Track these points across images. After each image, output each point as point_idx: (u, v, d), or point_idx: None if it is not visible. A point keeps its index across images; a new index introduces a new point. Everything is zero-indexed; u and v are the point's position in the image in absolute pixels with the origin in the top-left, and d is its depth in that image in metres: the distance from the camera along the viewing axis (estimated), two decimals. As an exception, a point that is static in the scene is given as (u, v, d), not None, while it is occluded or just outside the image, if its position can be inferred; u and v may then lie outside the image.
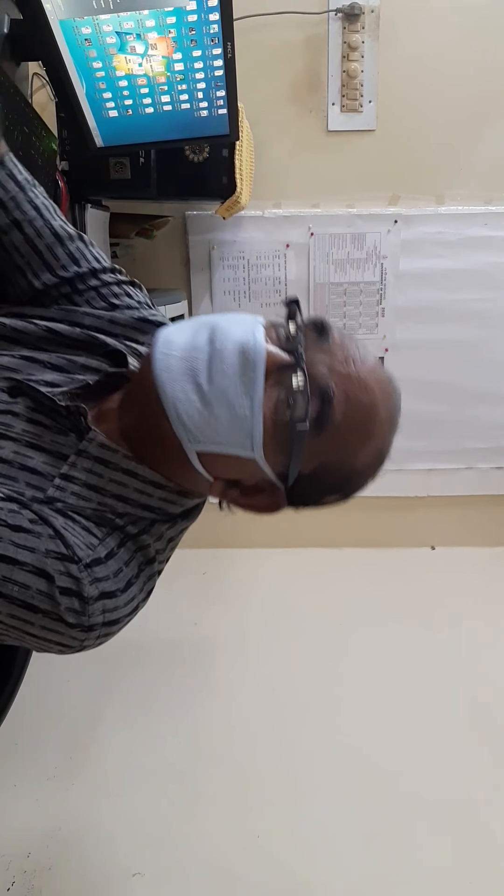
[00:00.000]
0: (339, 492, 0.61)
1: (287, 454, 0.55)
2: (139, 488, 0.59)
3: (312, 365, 0.55)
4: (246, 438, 0.54)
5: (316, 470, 0.57)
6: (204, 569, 1.86)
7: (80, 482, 0.58)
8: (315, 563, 1.89)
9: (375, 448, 0.59)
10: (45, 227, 0.71)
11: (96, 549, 0.55)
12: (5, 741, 1.35)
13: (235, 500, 0.61)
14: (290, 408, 0.53)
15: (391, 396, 0.59)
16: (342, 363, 0.56)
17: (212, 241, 1.76)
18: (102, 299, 0.72)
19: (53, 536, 0.52)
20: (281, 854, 1.22)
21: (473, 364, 1.87)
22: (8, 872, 1.19)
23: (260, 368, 0.53)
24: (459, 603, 1.79)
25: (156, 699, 1.50)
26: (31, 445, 0.58)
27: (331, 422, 0.54)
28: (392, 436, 0.61)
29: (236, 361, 0.53)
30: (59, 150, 1.29)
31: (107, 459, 0.58)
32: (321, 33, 1.60)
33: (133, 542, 0.59)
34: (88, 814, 1.28)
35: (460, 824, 1.28)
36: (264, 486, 0.59)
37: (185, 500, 0.62)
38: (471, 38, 1.61)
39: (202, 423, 0.54)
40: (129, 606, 0.57)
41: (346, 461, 0.58)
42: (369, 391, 0.56)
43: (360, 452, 0.58)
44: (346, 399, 0.55)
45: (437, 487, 1.96)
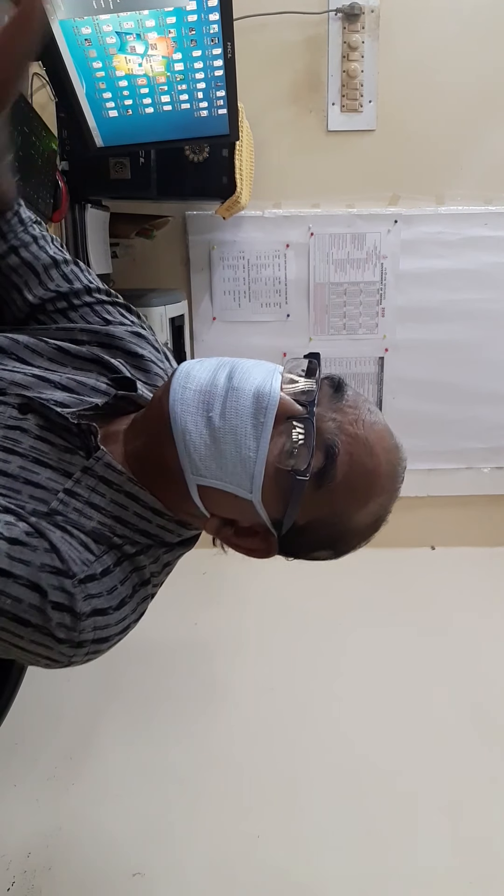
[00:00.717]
0: (331, 549, 0.62)
1: (284, 502, 0.56)
2: (139, 513, 0.60)
3: (322, 420, 0.57)
4: (247, 479, 0.55)
5: (310, 523, 0.58)
6: (204, 569, 1.86)
7: (83, 499, 0.59)
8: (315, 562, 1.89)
9: (372, 513, 0.60)
10: (41, 252, 0.74)
11: (92, 564, 0.55)
12: (5, 741, 1.35)
13: (228, 539, 0.62)
14: (294, 458, 0.54)
15: (395, 466, 0.60)
16: (352, 423, 0.57)
17: (212, 241, 1.76)
18: (96, 315, 0.74)
19: (49, 550, 0.53)
20: (281, 854, 1.22)
21: (473, 364, 1.87)
22: (8, 872, 1.19)
23: (271, 414, 0.54)
24: (459, 603, 1.79)
25: (156, 699, 1.50)
26: (37, 462, 0.59)
27: (331, 478, 0.55)
28: (391, 504, 0.62)
29: (250, 403, 0.55)
30: (59, 150, 1.29)
31: (110, 480, 0.59)
32: (321, 33, 1.60)
33: (129, 562, 0.60)
34: (88, 814, 1.28)
35: (460, 824, 1.28)
36: (259, 529, 0.60)
37: (182, 529, 0.63)
38: (471, 38, 1.61)
39: (207, 457, 0.55)
40: (119, 626, 0.58)
41: (340, 520, 0.59)
42: (374, 456, 0.57)
43: (356, 514, 0.59)
44: (349, 459, 0.56)
45: (437, 487, 1.96)
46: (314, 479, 0.55)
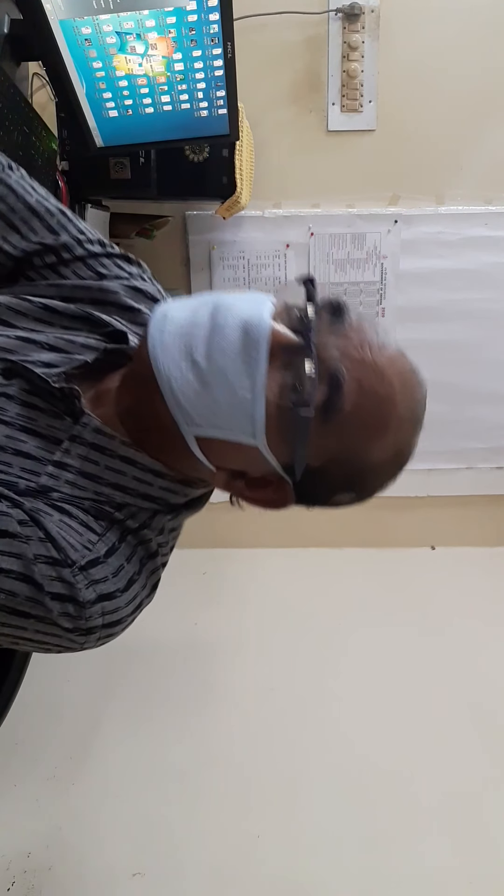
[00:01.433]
0: (352, 490, 0.57)
1: (292, 443, 0.51)
2: (138, 476, 0.56)
3: (323, 348, 0.51)
4: (247, 423, 0.50)
5: (325, 464, 0.53)
6: (204, 569, 1.86)
7: (75, 470, 0.55)
8: (315, 563, 1.89)
9: (392, 445, 0.54)
10: (19, 203, 0.66)
11: (95, 545, 0.52)
12: (5, 741, 1.35)
13: (240, 492, 0.57)
14: (296, 392, 0.49)
15: (413, 390, 0.55)
16: (357, 348, 0.52)
17: (212, 241, 1.76)
18: (89, 269, 0.68)
19: (44, 540, 0.50)
20: (281, 854, 1.22)
21: (473, 364, 1.86)
22: (8, 872, 1.19)
23: (263, 347, 0.49)
24: (459, 603, 1.79)
25: (156, 699, 1.50)
26: (24, 429, 0.56)
27: (339, 410, 0.50)
28: (415, 435, 0.56)
29: (238, 338, 0.50)
30: (59, 150, 1.29)
31: (103, 446, 0.55)
32: (321, 33, 1.60)
33: (134, 536, 0.56)
34: (88, 814, 1.28)
35: (460, 824, 1.28)
36: (271, 479, 0.55)
37: (188, 489, 0.59)
38: (471, 38, 1.61)
39: (200, 405, 0.50)
40: (131, 605, 0.55)
41: (357, 456, 0.53)
42: (386, 381, 0.51)
43: (374, 448, 0.53)
44: (358, 387, 0.50)
45: (437, 487, 1.96)
46: (320, 413, 0.50)
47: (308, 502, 0.58)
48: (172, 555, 0.64)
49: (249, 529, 1.92)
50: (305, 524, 1.94)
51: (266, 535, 1.93)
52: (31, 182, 0.70)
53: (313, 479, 0.54)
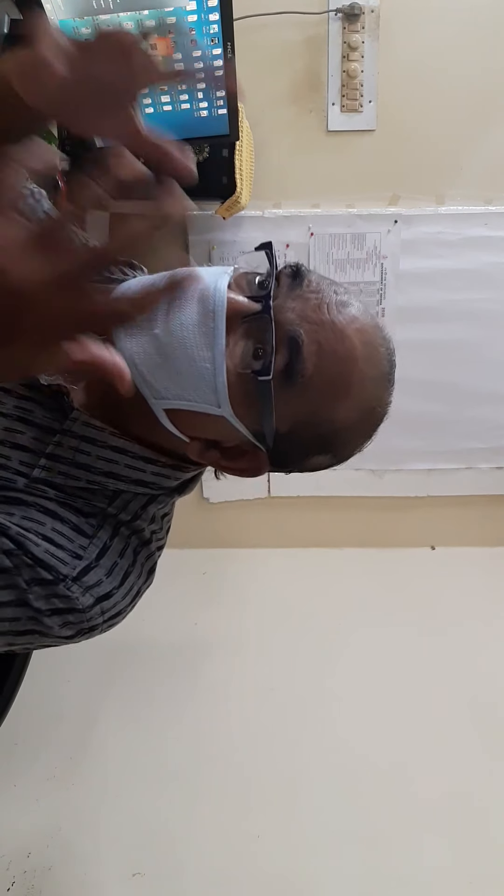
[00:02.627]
0: (325, 452, 0.57)
1: (257, 410, 0.52)
2: (130, 464, 0.57)
3: (281, 311, 0.51)
4: (210, 393, 0.51)
5: (293, 428, 0.53)
6: (204, 569, 1.86)
7: (68, 461, 0.56)
8: (315, 563, 1.89)
9: (358, 404, 0.54)
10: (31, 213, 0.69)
11: (87, 550, 0.53)
12: (5, 741, 1.36)
13: (217, 462, 0.58)
14: (256, 359, 0.50)
15: (377, 347, 0.55)
16: (315, 309, 0.52)
17: (212, 241, 1.76)
18: None
19: (31, 565, 0.50)
20: (281, 854, 1.23)
21: (473, 364, 1.86)
22: (8, 872, 1.19)
23: (220, 317, 0.50)
24: (460, 603, 1.79)
25: (156, 699, 1.50)
26: (22, 420, 0.57)
27: (300, 373, 0.51)
28: (385, 391, 0.57)
29: (195, 311, 0.51)
30: (59, 150, 1.29)
31: (93, 438, 0.56)
32: (321, 33, 1.60)
33: (126, 528, 0.57)
34: (88, 814, 1.28)
35: (460, 824, 1.28)
36: (245, 447, 0.57)
37: (179, 473, 0.60)
38: (471, 38, 1.61)
39: (164, 378, 0.52)
40: (128, 597, 0.56)
41: (325, 417, 0.54)
42: (346, 340, 0.52)
43: (340, 407, 0.53)
44: (317, 349, 0.51)
45: (437, 487, 1.96)
46: (282, 378, 0.50)
47: (284, 467, 0.59)
48: (172, 555, 0.65)
49: (249, 529, 1.92)
50: (305, 524, 1.94)
51: (266, 535, 1.93)
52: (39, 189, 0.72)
53: (285, 444, 0.55)
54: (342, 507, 1.94)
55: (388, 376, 0.57)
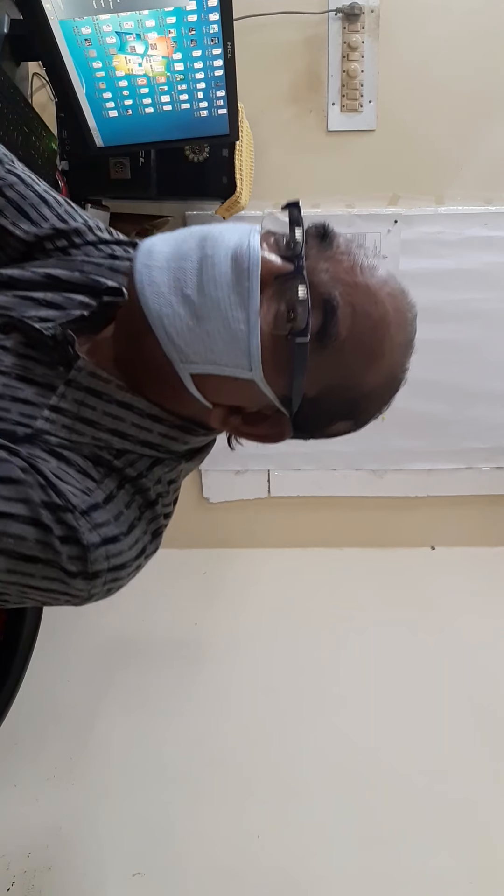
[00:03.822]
0: (348, 418, 0.56)
1: (288, 373, 0.50)
2: (136, 422, 0.55)
3: (314, 273, 0.50)
4: (243, 356, 0.49)
5: (321, 392, 0.52)
6: (204, 569, 1.86)
7: (72, 415, 0.54)
8: (315, 563, 1.89)
9: (386, 369, 0.53)
10: (28, 190, 0.68)
11: (94, 492, 0.51)
12: (5, 741, 1.36)
13: (237, 428, 0.56)
14: (291, 320, 0.49)
15: (405, 312, 0.54)
16: (348, 272, 0.51)
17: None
18: (100, 252, 0.68)
19: (44, 486, 0.49)
20: (281, 854, 1.23)
21: (473, 364, 1.86)
22: (8, 872, 1.19)
23: (255, 277, 0.48)
24: (460, 603, 1.79)
25: (156, 699, 1.50)
26: (20, 378, 0.55)
27: (335, 335, 0.49)
28: (406, 358, 0.55)
29: (229, 269, 0.48)
30: (59, 150, 1.29)
31: (99, 390, 0.54)
32: (321, 33, 1.60)
33: (132, 485, 0.55)
34: (88, 814, 1.28)
35: (461, 824, 1.28)
36: (268, 412, 0.55)
37: (188, 436, 0.58)
38: (471, 39, 1.61)
39: (194, 341, 0.49)
40: (134, 549, 0.54)
41: (353, 382, 0.53)
42: (379, 304, 0.51)
43: (369, 372, 0.53)
44: (352, 311, 0.50)
45: (437, 487, 1.96)
46: (316, 340, 0.49)
47: (305, 433, 0.58)
48: (172, 555, 0.64)
49: (249, 529, 1.92)
50: (305, 524, 1.94)
51: (266, 535, 1.93)
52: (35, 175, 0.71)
53: (310, 409, 0.53)
54: (342, 507, 1.94)
55: (412, 342, 0.56)
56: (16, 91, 1.11)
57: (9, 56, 1.17)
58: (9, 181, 0.68)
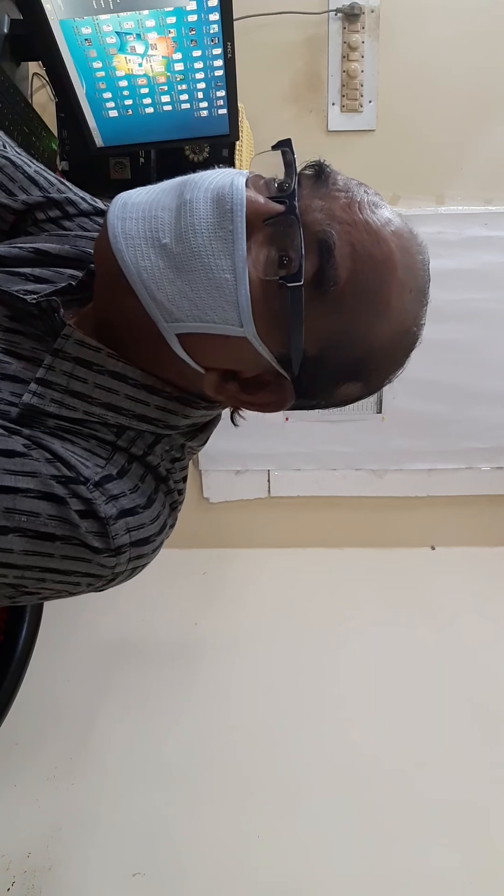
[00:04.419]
0: (357, 379, 0.50)
1: (284, 326, 0.45)
2: (131, 395, 0.50)
3: (308, 211, 0.45)
4: (231, 309, 0.44)
5: (324, 349, 0.47)
6: (204, 569, 1.86)
7: (61, 388, 0.50)
8: (315, 563, 1.89)
9: (396, 319, 0.47)
10: (18, 172, 0.65)
11: (105, 466, 0.48)
12: (5, 741, 1.36)
13: (235, 396, 0.52)
14: (283, 266, 0.44)
15: (414, 254, 0.48)
16: (345, 208, 0.45)
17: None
18: (94, 223, 0.65)
19: (52, 460, 0.45)
20: (281, 854, 1.22)
21: (473, 364, 1.86)
22: (8, 872, 1.19)
23: (240, 218, 0.43)
24: (460, 603, 1.79)
25: (156, 699, 1.50)
26: (8, 352, 0.52)
27: (333, 279, 0.44)
28: (419, 308, 0.49)
29: (210, 212, 0.44)
30: (59, 150, 1.29)
31: (89, 360, 0.50)
32: (321, 33, 1.60)
33: (140, 463, 0.51)
34: (88, 814, 1.28)
35: (461, 824, 1.28)
36: (267, 377, 0.50)
37: (187, 409, 0.53)
38: (471, 38, 1.61)
39: (177, 296, 0.45)
40: (156, 524, 0.51)
41: (359, 335, 0.47)
42: (383, 243, 0.45)
43: (377, 323, 0.47)
44: (351, 251, 0.44)
45: (437, 487, 1.96)
46: (312, 286, 0.44)
47: (310, 399, 0.52)
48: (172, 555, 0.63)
49: (249, 529, 1.92)
50: (305, 524, 1.94)
51: (266, 535, 1.93)
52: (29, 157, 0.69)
53: (313, 369, 0.48)
54: (342, 507, 1.94)
55: (425, 290, 0.50)
56: (16, 91, 1.11)
57: (9, 56, 1.17)
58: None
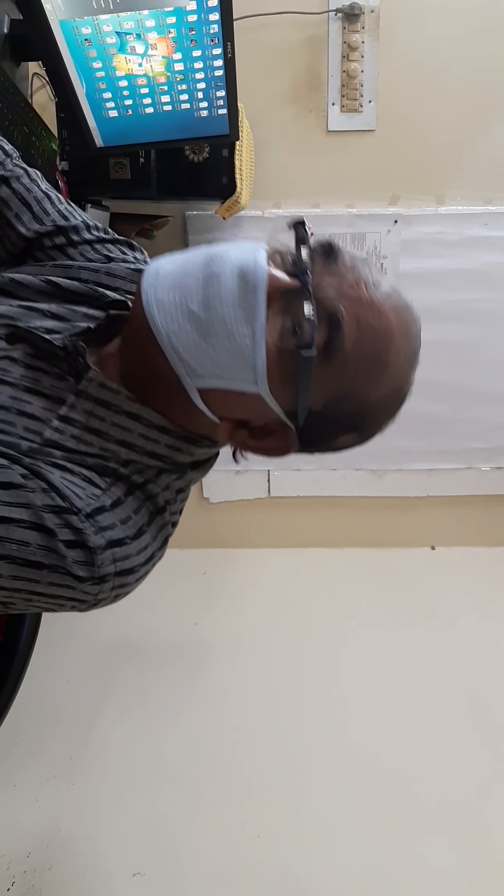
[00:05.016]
0: (354, 431, 0.58)
1: (294, 387, 0.51)
2: (144, 433, 0.56)
3: (320, 288, 0.52)
4: (248, 370, 0.51)
5: (327, 405, 0.54)
6: (204, 569, 1.86)
7: (81, 425, 0.55)
8: (315, 563, 1.89)
9: (392, 381, 0.55)
10: (34, 185, 0.71)
11: (99, 498, 0.52)
12: (5, 741, 1.36)
13: (244, 442, 0.58)
14: (296, 335, 0.50)
15: (409, 326, 0.55)
16: (353, 286, 0.52)
17: (212, 241, 1.75)
18: (97, 252, 0.70)
19: (47, 490, 0.49)
20: (281, 854, 1.22)
21: (473, 364, 1.86)
22: (8, 872, 1.19)
23: (261, 292, 0.50)
24: (459, 603, 1.79)
25: (156, 699, 1.50)
26: (29, 390, 0.56)
27: (340, 349, 0.51)
28: (411, 371, 0.57)
29: (235, 286, 0.50)
30: (59, 150, 1.29)
31: (108, 401, 0.55)
32: (321, 33, 1.60)
33: (140, 491, 0.56)
34: (88, 814, 1.28)
35: (460, 824, 1.28)
36: (274, 426, 0.56)
37: (194, 448, 0.59)
38: (471, 38, 1.61)
39: (201, 356, 0.51)
40: (142, 555, 0.54)
41: (359, 395, 0.54)
42: (383, 317, 0.52)
43: (375, 385, 0.54)
44: (357, 325, 0.51)
45: (437, 487, 1.96)
46: (322, 354, 0.50)
47: (311, 446, 0.59)
48: (172, 555, 0.64)
49: (249, 529, 1.92)
50: (305, 524, 1.94)
51: (266, 535, 1.93)
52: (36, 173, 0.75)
53: (316, 421, 0.55)
54: (342, 507, 1.94)
55: (417, 354, 0.57)
56: (16, 91, 1.11)
57: (9, 56, 1.17)
58: (16, 173, 0.71)
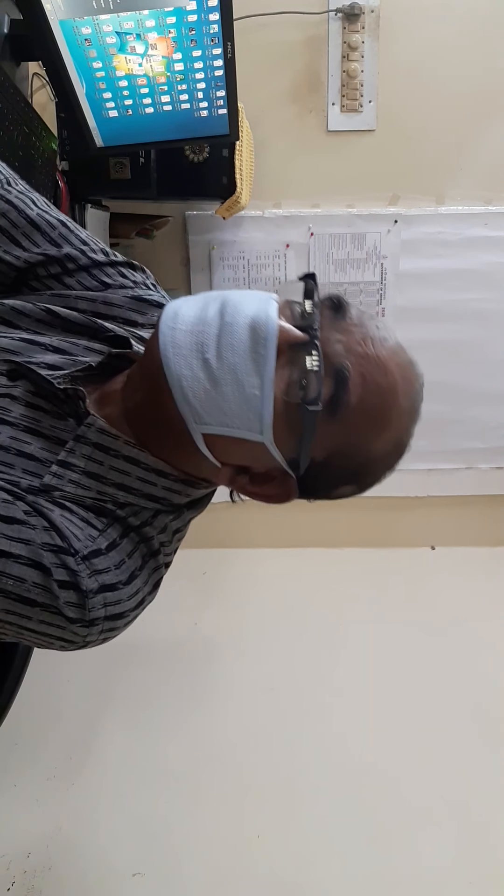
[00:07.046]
0: (354, 483, 0.59)
1: (298, 438, 0.52)
2: (142, 476, 0.56)
3: (328, 343, 0.53)
4: (255, 420, 0.51)
5: (329, 457, 0.54)
6: (204, 569, 1.86)
7: (79, 469, 0.55)
8: (315, 563, 1.89)
9: (393, 437, 0.56)
10: (21, 217, 0.66)
11: (96, 539, 0.53)
12: (5, 741, 1.36)
13: (244, 488, 0.58)
14: (303, 388, 0.51)
15: (412, 383, 0.56)
16: (360, 343, 0.53)
17: (212, 241, 1.76)
18: (94, 279, 0.68)
19: (48, 528, 0.50)
20: (281, 854, 1.23)
21: (473, 364, 1.86)
22: (8, 872, 1.19)
23: (272, 345, 0.51)
24: (459, 603, 1.79)
25: (156, 699, 1.50)
26: (28, 430, 0.56)
27: (345, 404, 0.52)
28: (412, 426, 0.58)
29: (247, 337, 0.51)
30: (59, 150, 1.29)
31: (107, 446, 0.56)
32: (321, 33, 1.60)
33: (136, 533, 0.57)
34: (88, 814, 1.28)
35: (460, 824, 1.28)
36: (275, 473, 0.57)
37: (190, 489, 0.60)
38: (471, 39, 1.61)
39: (209, 402, 0.51)
40: (133, 600, 0.55)
41: (360, 448, 0.55)
42: (388, 374, 0.53)
43: (377, 440, 0.55)
44: (362, 381, 0.52)
45: (437, 487, 1.96)
46: (327, 408, 0.51)
47: (311, 495, 0.60)
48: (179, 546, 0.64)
49: (249, 529, 1.92)
50: (305, 524, 1.94)
51: (266, 535, 1.93)
52: (32, 194, 0.69)
53: (317, 472, 0.55)
54: (342, 507, 1.92)
55: (418, 411, 0.58)
56: (16, 91, 1.11)
57: (9, 56, 1.17)
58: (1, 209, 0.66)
